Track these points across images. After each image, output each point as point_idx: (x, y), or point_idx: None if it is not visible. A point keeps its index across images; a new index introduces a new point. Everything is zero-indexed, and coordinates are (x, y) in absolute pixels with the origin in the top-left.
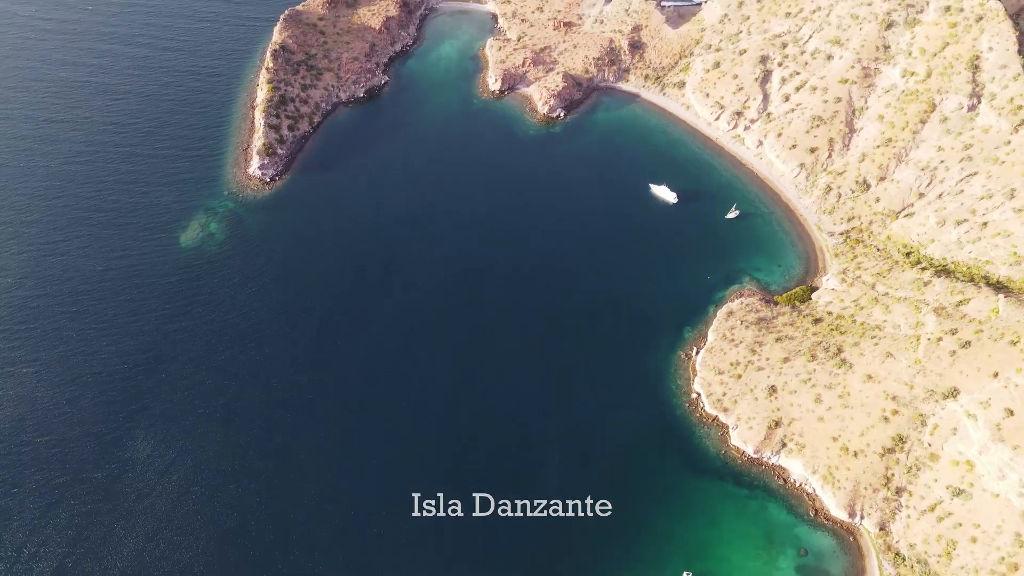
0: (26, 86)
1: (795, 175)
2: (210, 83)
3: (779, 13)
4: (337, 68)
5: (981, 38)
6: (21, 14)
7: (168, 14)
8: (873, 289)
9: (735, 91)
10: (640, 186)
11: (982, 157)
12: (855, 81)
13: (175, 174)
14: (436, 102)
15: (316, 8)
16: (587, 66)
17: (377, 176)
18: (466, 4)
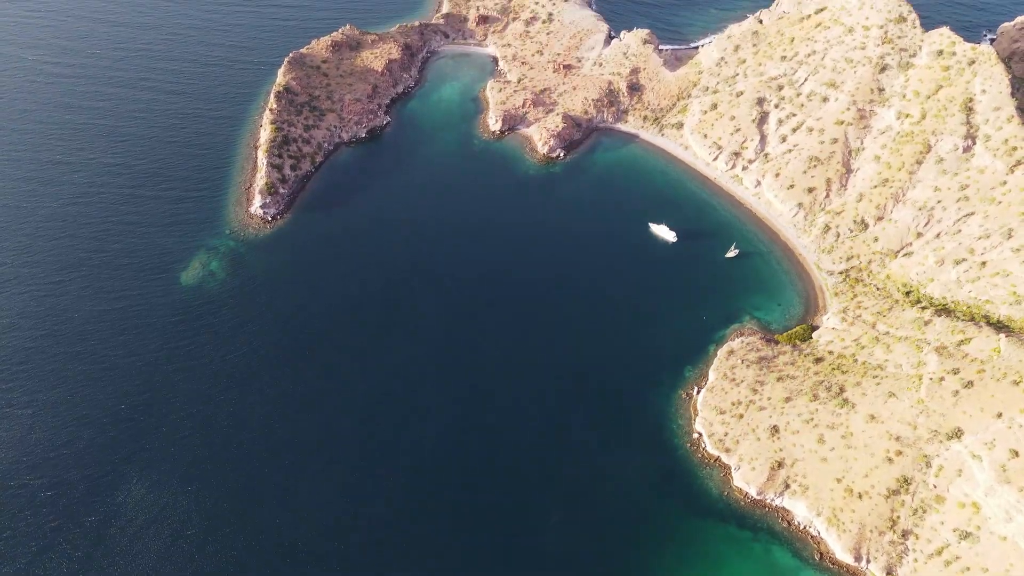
0: (32, 128)
1: (793, 215)
2: (214, 125)
3: (774, 56)
4: (340, 109)
5: (974, 81)
6: (29, 58)
7: (174, 59)
8: (874, 328)
9: (732, 132)
10: (640, 225)
11: (979, 197)
12: (851, 122)
13: (177, 214)
14: (437, 142)
15: (320, 51)
16: (586, 107)
17: (378, 215)
18: (467, 47)
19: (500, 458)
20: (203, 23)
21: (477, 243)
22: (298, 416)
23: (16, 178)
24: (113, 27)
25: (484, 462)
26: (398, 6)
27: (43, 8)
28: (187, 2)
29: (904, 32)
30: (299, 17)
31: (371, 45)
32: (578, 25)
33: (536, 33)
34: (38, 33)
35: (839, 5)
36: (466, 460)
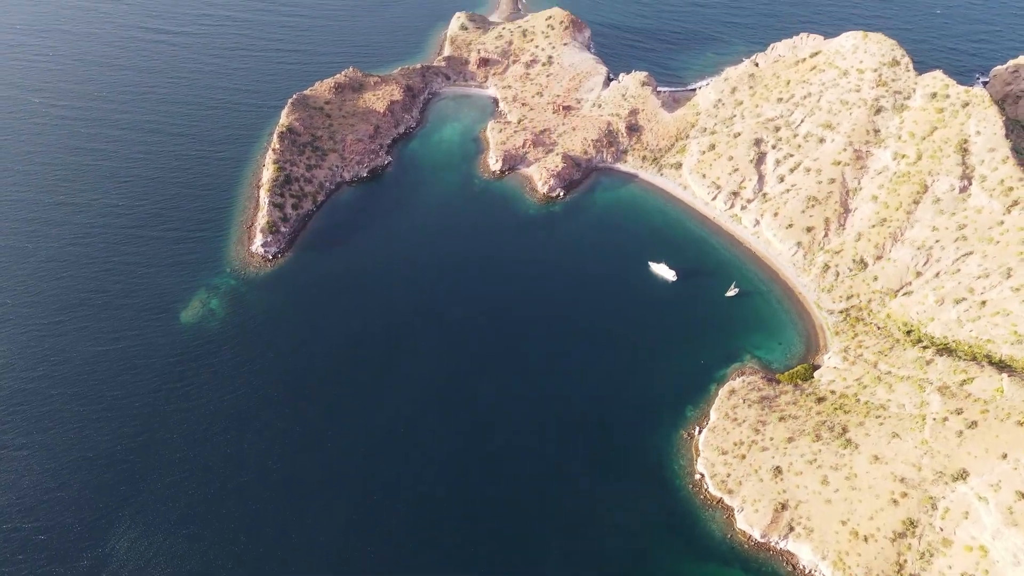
0: (36, 170)
1: (792, 254)
2: (217, 166)
3: (771, 99)
4: (341, 149)
5: (968, 123)
6: (35, 101)
7: (179, 102)
8: (875, 368)
9: (731, 172)
10: (639, 264)
11: (976, 237)
12: (848, 163)
13: (178, 254)
14: (438, 182)
15: (323, 92)
16: (586, 147)
17: (379, 254)
18: (468, 89)
19: (500, 494)
20: (208, 67)
21: (478, 281)
22: (297, 455)
23: (18, 219)
24: (119, 71)
25: (485, 498)
26: (401, 49)
27: (51, 52)
28: (193, 47)
29: (898, 75)
30: (303, 60)
31: (373, 87)
32: (577, 67)
33: (536, 75)
34: (45, 76)
35: (833, 49)
36: (466, 496)
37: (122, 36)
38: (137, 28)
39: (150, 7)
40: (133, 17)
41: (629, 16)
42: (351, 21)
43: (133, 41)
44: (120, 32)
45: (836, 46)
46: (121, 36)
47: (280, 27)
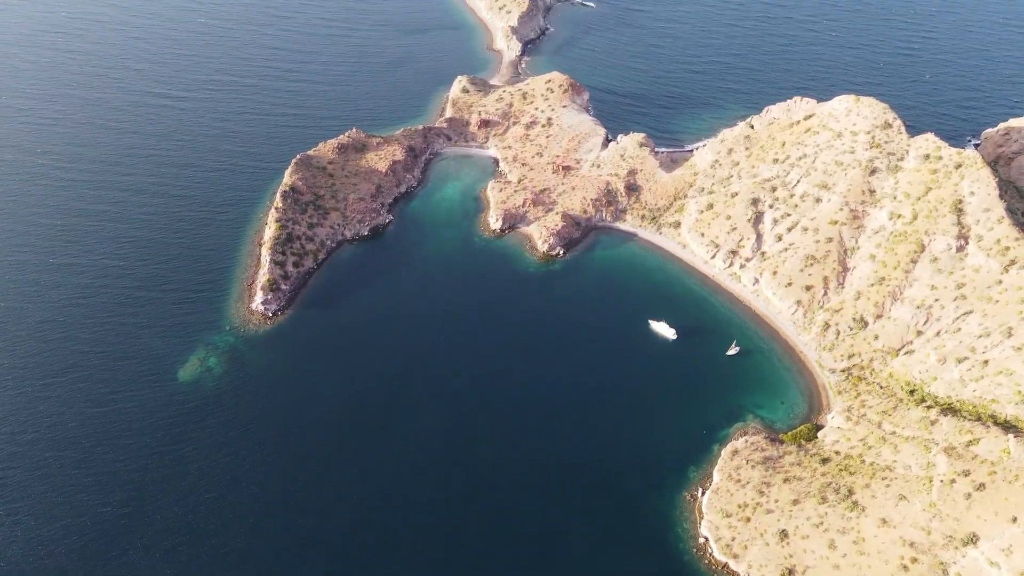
0: (39, 232)
1: (792, 312)
2: (220, 227)
3: (767, 159)
4: (343, 208)
5: (962, 183)
6: (41, 163)
7: (183, 165)
8: (880, 428)
9: (729, 231)
10: (640, 322)
11: (975, 296)
12: (845, 222)
13: (178, 313)
14: (439, 240)
15: (326, 153)
16: (585, 207)
17: (378, 312)
18: (469, 149)
19: (498, 557)
20: (214, 130)
21: (477, 339)
22: (291, 519)
23: (17, 279)
24: (125, 135)
25: (482, 562)
26: (403, 111)
27: (59, 116)
28: (199, 111)
29: (891, 137)
30: (307, 123)
31: (376, 147)
32: (576, 129)
33: (536, 136)
34: (53, 139)
35: (827, 112)
36: (463, 560)
37: (130, 101)
38: (145, 93)
39: (158, 73)
40: (141, 83)
41: (626, 80)
42: (355, 86)
43: (140, 106)
44: (128, 97)
45: (829, 109)
46: (129, 101)
47: (285, 92)
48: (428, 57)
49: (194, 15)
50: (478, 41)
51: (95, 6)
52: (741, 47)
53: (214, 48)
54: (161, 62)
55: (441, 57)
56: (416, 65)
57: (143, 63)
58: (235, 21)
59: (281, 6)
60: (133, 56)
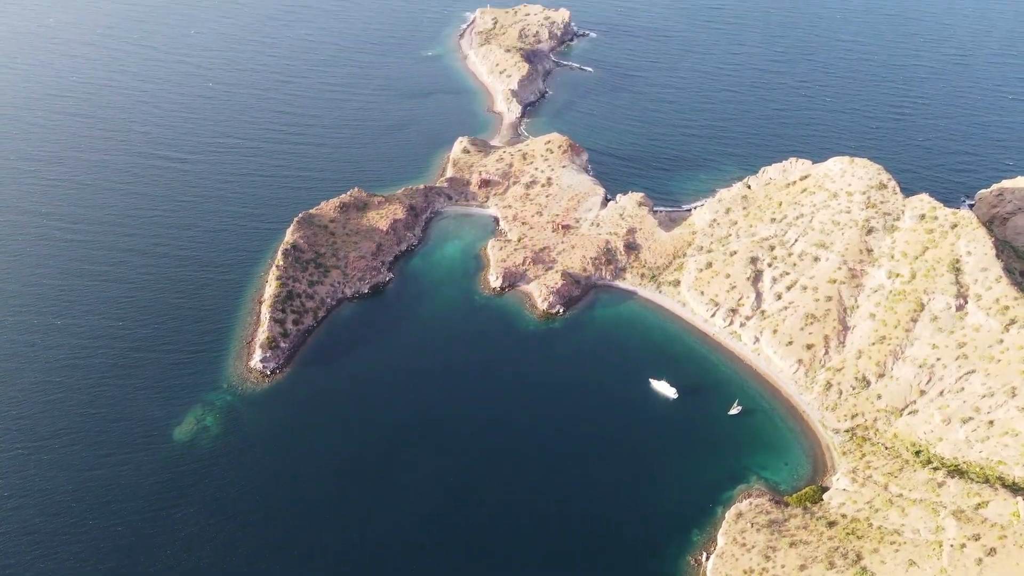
0: (38, 292)
1: (794, 371)
2: (220, 285)
3: (764, 219)
4: (344, 266)
5: (958, 243)
6: (43, 224)
7: (185, 226)
8: (886, 490)
9: (728, 289)
10: (640, 381)
11: (977, 355)
12: (843, 281)
13: (175, 372)
14: (439, 298)
15: (328, 212)
16: (585, 265)
17: (377, 371)
18: (469, 208)
19: None
20: (217, 191)
21: (477, 398)
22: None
23: (14, 340)
24: (128, 196)
25: None
26: (405, 171)
27: (64, 177)
28: (203, 172)
29: (886, 197)
30: (310, 183)
31: (377, 206)
32: (576, 188)
33: (536, 195)
34: (57, 201)
35: (822, 173)
36: None
37: (135, 163)
38: (150, 155)
39: (164, 136)
40: (147, 145)
41: (624, 142)
42: (358, 148)
43: (145, 168)
44: (133, 159)
45: (824, 170)
46: (134, 163)
47: (289, 154)
48: (430, 119)
49: (201, 80)
50: (479, 104)
51: (105, 71)
52: (736, 111)
53: (220, 111)
54: (167, 125)
55: (443, 119)
56: (418, 127)
57: (149, 126)
58: (241, 86)
59: (285, 72)
60: (140, 119)
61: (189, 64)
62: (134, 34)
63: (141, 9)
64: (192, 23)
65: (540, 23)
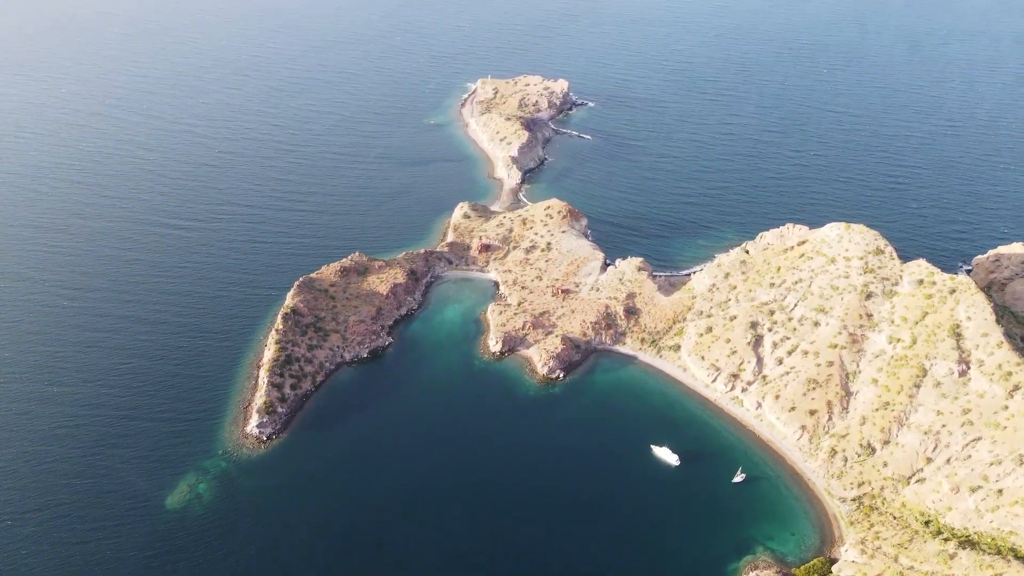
0: (34, 359)
1: (797, 438)
2: (219, 351)
3: (763, 283)
4: (344, 330)
5: (957, 308)
6: (44, 290)
7: (186, 291)
8: (896, 562)
9: (729, 354)
10: (641, 448)
11: (983, 422)
12: (844, 346)
13: (169, 439)
14: (438, 363)
15: (329, 276)
16: (585, 329)
17: (375, 437)
18: (470, 273)
19: None
20: (219, 257)
21: (476, 466)
22: None
23: (7, 410)
24: (129, 264)
25: None
26: (406, 236)
27: (67, 244)
28: (205, 238)
29: (883, 263)
30: (311, 249)
31: (378, 270)
32: (575, 253)
33: (535, 260)
34: (58, 266)
35: (819, 238)
36: None
37: (137, 230)
38: (153, 223)
39: (166, 204)
40: (149, 213)
41: (622, 208)
42: (360, 214)
43: (147, 235)
44: (135, 227)
45: (822, 235)
46: (136, 230)
47: (291, 221)
48: (431, 185)
49: (206, 149)
50: (480, 170)
51: (112, 140)
52: (732, 179)
53: (223, 179)
54: (170, 193)
55: (444, 185)
56: (419, 193)
57: (153, 193)
58: (245, 155)
59: (289, 141)
60: (144, 187)
61: (195, 133)
62: (143, 104)
63: (150, 81)
64: (200, 94)
65: (540, 93)
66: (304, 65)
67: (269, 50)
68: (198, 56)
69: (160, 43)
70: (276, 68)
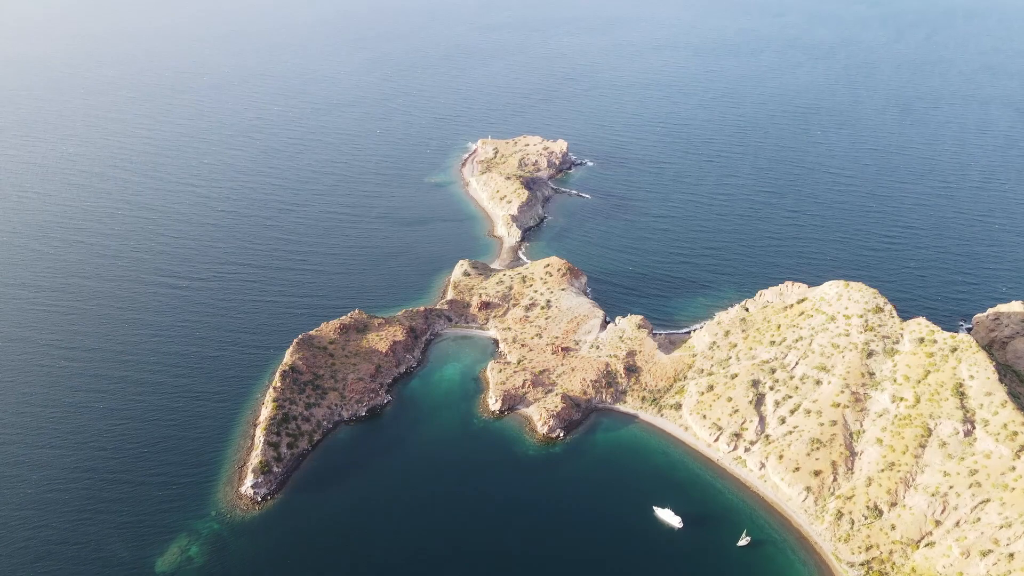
0: (29, 413)
1: (803, 499)
2: (215, 408)
3: (764, 341)
4: (342, 388)
5: (960, 367)
6: (39, 351)
7: (185, 345)
8: None
9: (731, 413)
10: (643, 509)
11: (991, 483)
12: (847, 405)
13: (161, 500)
14: (437, 422)
15: (328, 333)
16: (585, 388)
17: (371, 498)
18: (469, 330)
19: None
20: (217, 316)
21: (474, 526)
22: None
23: (1, 464)
24: (128, 323)
25: None
26: (406, 294)
27: (66, 301)
28: (205, 295)
29: (883, 321)
30: (311, 306)
31: (377, 328)
32: (575, 311)
33: (535, 318)
34: (56, 325)
35: (818, 296)
36: None
37: (135, 289)
38: (152, 282)
39: (167, 262)
40: (149, 273)
41: (622, 266)
42: (360, 273)
43: (146, 294)
44: (134, 286)
45: (821, 293)
46: (135, 289)
47: (291, 280)
48: (432, 243)
49: (207, 208)
50: (480, 229)
51: (113, 200)
52: (730, 238)
53: (224, 238)
54: (170, 252)
55: (444, 243)
56: (420, 251)
57: (153, 253)
58: (246, 214)
59: (290, 200)
60: (145, 246)
61: (197, 193)
62: (146, 165)
63: (154, 142)
64: (203, 155)
65: (539, 152)
66: (306, 126)
67: (272, 112)
68: (202, 118)
69: (165, 105)
70: (278, 129)
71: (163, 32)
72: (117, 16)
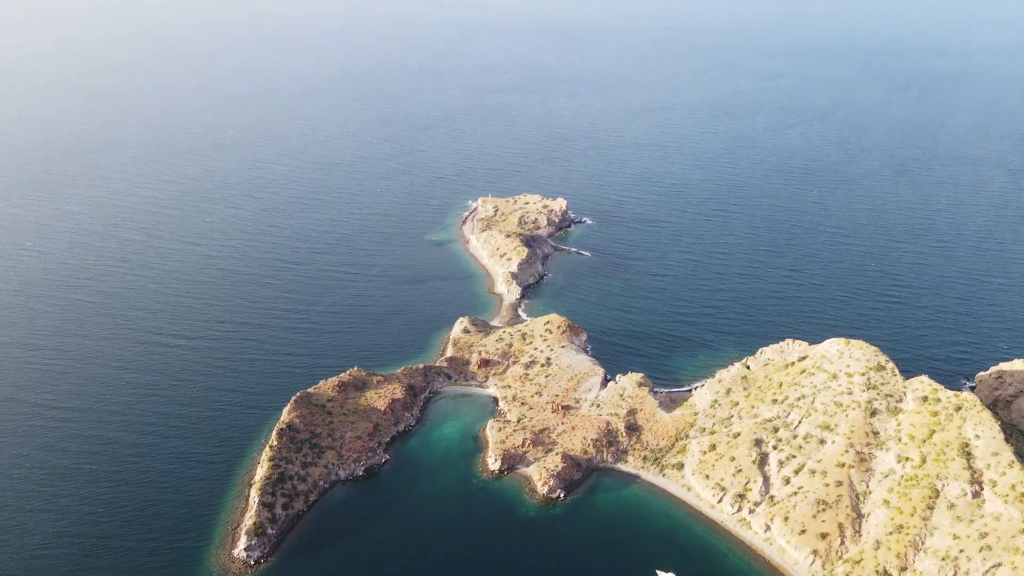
0: (17, 476)
1: (810, 563)
2: (210, 468)
3: (766, 400)
4: (340, 447)
5: (965, 426)
6: (34, 410)
7: (181, 403)
8: None
9: (734, 473)
10: (646, 573)
11: (1001, 547)
12: (852, 465)
13: (150, 565)
14: (435, 482)
15: (326, 390)
16: (585, 447)
17: (366, 561)
18: (469, 388)
19: None
20: (214, 375)
21: None
22: None
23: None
24: (124, 384)
25: None
26: (405, 351)
27: (62, 360)
28: (203, 352)
29: (885, 379)
30: (310, 363)
31: (376, 385)
32: (575, 369)
33: (535, 376)
34: (53, 382)
35: (819, 354)
36: None
37: (133, 348)
38: (149, 341)
39: (165, 321)
40: (146, 332)
41: (621, 323)
42: (359, 331)
43: (143, 353)
44: (131, 345)
45: (822, 351)
46: (132, 348)
47: (289, 339)
48: (432, 300)
49: (207, 267)
50: (480, 286)
51: (112, 259)
52: (728, 296)
53: (222, 295)
54: (168, 310)
55: (444, 300)
56: (420, 308)
57: (151, 312)
58: (244, 273)
59: (289, 258)
60: (143, 305)
61: (197, 252)
62: (146, 223)
63: (155, 201)
64: (203, 213)
65: (539, 211)
66: (306, 185)
67: (272, 171)
68: (204, 178)
69: (168, 165)
70: (278, 189)
71: (171, 95)
72: (126, 77)
